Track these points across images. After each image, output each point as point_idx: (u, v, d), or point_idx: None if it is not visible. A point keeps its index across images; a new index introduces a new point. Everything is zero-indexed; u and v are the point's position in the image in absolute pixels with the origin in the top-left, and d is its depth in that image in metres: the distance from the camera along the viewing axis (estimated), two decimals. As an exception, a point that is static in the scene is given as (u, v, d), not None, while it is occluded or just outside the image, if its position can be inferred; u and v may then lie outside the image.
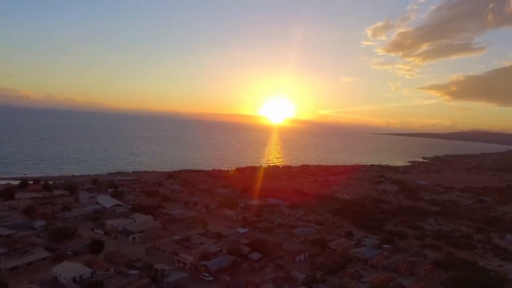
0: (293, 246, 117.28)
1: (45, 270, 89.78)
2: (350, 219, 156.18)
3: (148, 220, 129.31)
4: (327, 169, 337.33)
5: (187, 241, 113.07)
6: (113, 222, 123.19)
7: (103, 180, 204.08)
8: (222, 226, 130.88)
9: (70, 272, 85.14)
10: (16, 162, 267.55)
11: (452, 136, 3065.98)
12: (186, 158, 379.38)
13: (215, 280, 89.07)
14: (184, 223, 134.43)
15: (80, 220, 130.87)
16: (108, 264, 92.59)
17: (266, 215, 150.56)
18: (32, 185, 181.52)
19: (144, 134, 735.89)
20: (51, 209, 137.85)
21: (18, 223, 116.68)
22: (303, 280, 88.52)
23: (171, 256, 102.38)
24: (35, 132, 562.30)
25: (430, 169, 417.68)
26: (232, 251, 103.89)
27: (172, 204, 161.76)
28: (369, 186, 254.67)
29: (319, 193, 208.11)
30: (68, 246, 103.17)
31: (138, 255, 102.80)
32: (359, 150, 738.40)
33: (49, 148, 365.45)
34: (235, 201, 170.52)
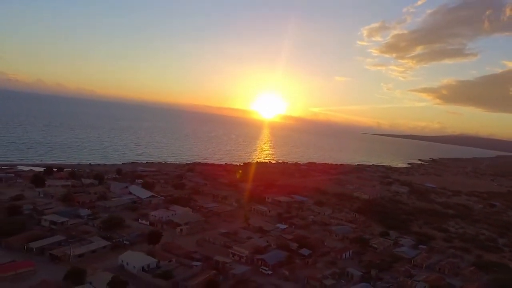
0: (333, 243, 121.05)
1: (107, 259, 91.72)
2: (375, 218, 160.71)
3: (188, 212, 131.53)
4: (335, 168, 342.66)
5: (234, 234, 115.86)
6: (157, 213, 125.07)
7: (125, 170, 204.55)
8: (261, 222, 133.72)
9: (138, 262, 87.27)
10: (27, 149, 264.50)
11: (441, 139, 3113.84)
12: (193, 151, 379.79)
13: (274, 274, 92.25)
14: (222, 217, 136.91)
15: (119, 210, 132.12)
16: (168, 255, 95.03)
17: (297, 212, 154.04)
18: (57, 172, 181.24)
19: (142, 124, 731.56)
20: (88, 198, 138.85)
21: (65, 211, 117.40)
22: (359, 277, 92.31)
23: (223, 248, 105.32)
24: (33, 117, 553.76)
25: (431, 171, 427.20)
26: (281, 246, 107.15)
27: (202, 197, 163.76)
28: (381, 186, 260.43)
29: (337, 192, 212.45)
30: (122, 235, 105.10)
31: (190, 246, 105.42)
32: (357, 149, 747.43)
33: (55, 135, 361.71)
34: (262, 196, 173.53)
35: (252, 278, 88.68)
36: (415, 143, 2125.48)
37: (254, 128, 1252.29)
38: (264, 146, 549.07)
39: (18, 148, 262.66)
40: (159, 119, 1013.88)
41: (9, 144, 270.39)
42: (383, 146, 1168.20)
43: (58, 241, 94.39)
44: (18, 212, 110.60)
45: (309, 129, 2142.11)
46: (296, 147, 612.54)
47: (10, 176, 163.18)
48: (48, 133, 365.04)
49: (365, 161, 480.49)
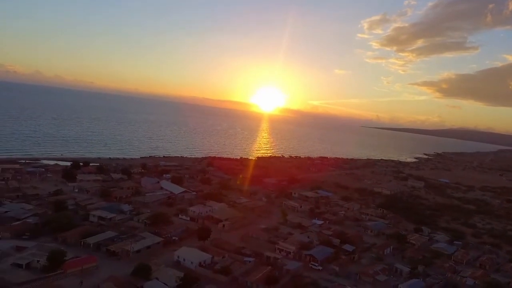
0: (369, 239, 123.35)
1: (161, 254, 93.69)
2: (400, 213, 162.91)
3: (225, 208, 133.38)
4: (347, 162, 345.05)
5: (275, 230, 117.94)
6: (195, 209, 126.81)
7: (148, 165, 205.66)
8: (298, 217, 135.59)
9: (194, 257, 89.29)
10: (44, 143, 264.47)
11: (440, 133, 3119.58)
12: (205, 145, 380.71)
13: (324, 270, 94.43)
14: (256, 212, 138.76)
15: (156, 205, 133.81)
16: (220, 250, 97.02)
17: (326, 207, 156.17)
18: (84, 167, 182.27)
19: (147, 117, 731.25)
20: (124, 193, 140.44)
21: (108, 207, 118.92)
22: (407, 272, 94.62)
23: (267, 244, 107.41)
24: (41, 109, 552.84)
25: (439, 166, 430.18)
26: (324, 242, 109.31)
27: (230, 192, 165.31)
28: (396, 181, 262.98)
29: (358, 187, 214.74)
30: (169, 231, 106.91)
31: (235, 242, 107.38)
32: (361, 143, 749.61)
33: (67, 128, 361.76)
34: (288, 191, 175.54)
35: (304, 274, 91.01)
36: (415, 136, 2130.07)
37: (255, 121, 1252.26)
38: (272, 140, 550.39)
39: (36, 142, 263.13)
40: (162, 112, 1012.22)
41: (26, 138, 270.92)
42: (385, 140, 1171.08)
43: (112, 237, 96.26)
44: (63, 208, 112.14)
45: (309, 123, 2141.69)
46: (303, 141, 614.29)
47: (41, 171, 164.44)
48: (59, 127, 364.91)
49: (373, 155, 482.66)
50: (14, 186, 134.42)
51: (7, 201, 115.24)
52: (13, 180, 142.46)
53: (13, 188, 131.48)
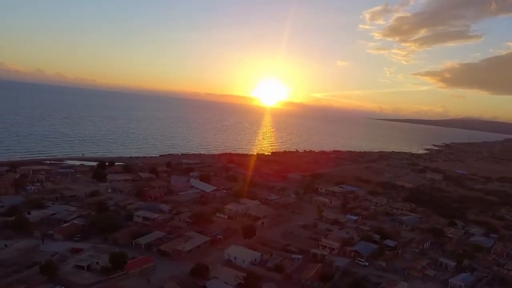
0: (406, 233, 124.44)
1: (210, 253, 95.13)
2: (427, 207, 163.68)
3: (260, 205, 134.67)
4: (361, 156, 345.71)
5: (314, 227, 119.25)
6: (231, 207, 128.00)
7: (171, 163, 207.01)
8: (332, 213, 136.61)
9: (245, 256, 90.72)
10: (63, 143, 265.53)
11: (444, 123, 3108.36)
12: (219, 141, 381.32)
13: (371, 266, 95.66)
14: (288, 209, 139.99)
15: (190, 204, 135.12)
16: (266, 248, 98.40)
17: (356, 202, 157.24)
18: (111, 166, 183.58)
19: (155, 113, 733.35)
20: (158, 192, 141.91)
21: (148, 206, 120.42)
22: (453, 267, 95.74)
23: (308, 240, 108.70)
24: (49, 109, 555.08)
25: (451, 157, 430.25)
26: (365, 237, 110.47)
27: (259, 189, 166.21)
28: (414, 174, 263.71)
29: (380, 181, 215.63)
30: (213, 230, 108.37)
31: (276, 239, 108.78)
32: (370, 136, 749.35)
33: (81, 127, 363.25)
34: (314, 187, 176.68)
35: (353, 270, 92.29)
36: (420, 127, 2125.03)
37: (260, 116, 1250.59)
38: (281, 134, 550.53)
39: (54, 142, 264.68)
40: (167, 109, 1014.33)
41: (44, 139, 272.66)
42: (391, 131, 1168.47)
43: (160, 237, 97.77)
44: (105, 209, 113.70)
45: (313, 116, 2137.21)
46: (312, 134, 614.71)
47: (70, 171, 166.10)
48: (73, 126, 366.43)
49: (384, 148, 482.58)
50: (50, 187, 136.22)
51: (49, 203, 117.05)
52: (47, 182, 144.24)
53: (50, 190, 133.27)
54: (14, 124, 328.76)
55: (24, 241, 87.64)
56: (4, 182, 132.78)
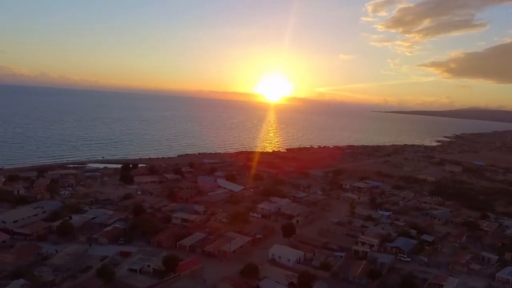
0: (439, 228, 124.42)
1: (252, 253, 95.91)
2: (454, 200, 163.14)
3: (291, 203, 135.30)
4: (376, 150, 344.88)
5: (349, 224, 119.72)
6: (264, 206, 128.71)
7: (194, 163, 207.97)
8: (364, 210, 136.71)
9: (289, 255, 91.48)
10: (81, 146, 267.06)
11: (450, 113, 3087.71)
12: (232, 139, 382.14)
13: (413, 261, 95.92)
14: (319, 206, 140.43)
15: (221, 204, 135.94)
16: (308, 246, 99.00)
17: (383, 198, 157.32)
18: (136, 168, 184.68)
19: (162, 113, 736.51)
20: (188, 194, 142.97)
21: (183, 207, 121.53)
22: (495, 260, 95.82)
23: (345, 237, 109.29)
24: (60, 112, 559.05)
25: (465, 148, 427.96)
26: (402, 233, 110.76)
27: (285, 187, 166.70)
28: (433, 166, 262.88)
29: (401, 175, 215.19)
30: (251, 229, 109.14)
31: (314, 237, 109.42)
32: (379, 130, 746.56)
33: (94, 130, 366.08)
34: (339, 183, 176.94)
35: (397, 266, 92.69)
36: (426, 119, 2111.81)
37: (265, 112, 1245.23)
38: (292, 131, 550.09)
39: (72, 146, 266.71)
40: (173, 108, 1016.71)
41: (62, 142, 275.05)
42: (398, 124, 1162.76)
43: (202, 238, 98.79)
44: (142, 211, 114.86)
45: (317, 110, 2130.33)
46: (322, 130, 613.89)
47: (98, 175, 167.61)
48: (87, 129, 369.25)
49: (396, 141, 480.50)
50: (83, 192, 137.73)
51: (86, 207, 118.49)
52: (79, 186, 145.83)
53: (83, 194, 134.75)
54: (29, 129, 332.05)
55: (72, 246, 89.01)
56: (39, 188, 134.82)
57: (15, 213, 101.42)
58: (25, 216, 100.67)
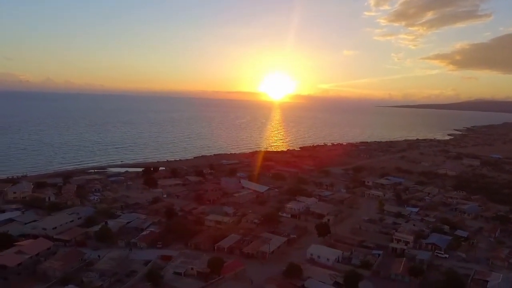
0: (470, 222, 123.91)
1: (289, 253, 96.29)
2: (479, 194, 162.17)
3: (319, 202, 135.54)
4: (390, 145, 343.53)
5: (380, 221, 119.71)
6: (292, 205, 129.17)
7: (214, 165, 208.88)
8: (393, 206, 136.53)
9: (328, 254, 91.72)
10: (98, 151, 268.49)
11: (456, 106, 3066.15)
12: (243, 139, 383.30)
13: (450, 257, 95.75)
14: (346, 204, 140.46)
15: (249, 205, 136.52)
16: (344, 245, 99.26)
17: (408, 194, 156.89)
18: (155, 171, 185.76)
19: (170, 115, 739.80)
20: (215, 195, 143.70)
21: (213, 210, 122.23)
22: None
23: (378, 235, 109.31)
24: (69, 117, 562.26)
25: (479, 141, 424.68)
26: (435, 229, 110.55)
27: (308, 186, 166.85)
28: (450, 161, 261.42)
29: (421, 170, 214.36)
30: (284, 230, 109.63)
31: (347, 235, 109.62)
32: (388, 125, 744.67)
33: (108, 134, 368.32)
34: (361, 180, 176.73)
35: (436, 263, 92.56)
36: (433, 112, 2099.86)
37: (272, 111, 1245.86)
38: (301, 129, 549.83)
39: (89, 150, 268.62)
40: (180, 109, 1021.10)
41: (79, 148, 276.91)
42: (405, 118, 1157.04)
43: (238, 239, 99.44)
44: (173, 214, 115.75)
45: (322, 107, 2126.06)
46: (331, 127, 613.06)
47: (121, 179, 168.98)
48: (100, 133, 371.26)
49: (407, 136, 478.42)
50: (111, 196, 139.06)
51: (118, 212, 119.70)
52: (106, 191, 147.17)
53: (112, 199, 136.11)
54: (45, 135, 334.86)
55: (114, 250, 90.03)
56: (68, 194, 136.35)
57: (53, 220, 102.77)
58: (62, 223, 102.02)
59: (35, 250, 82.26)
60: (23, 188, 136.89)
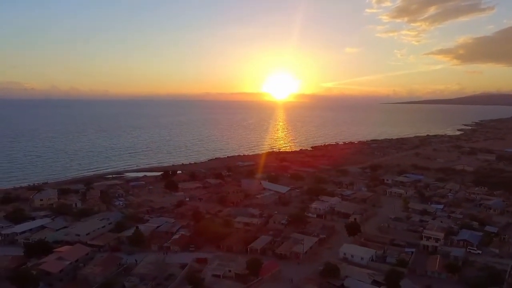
0: (497, 218, 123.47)
1: (320, 253, 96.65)
2: (499, 189, 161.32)
3: (342, 201, 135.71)
4: (402, 142, 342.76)
5: (407, 219, 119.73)
6: (317, 205, 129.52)
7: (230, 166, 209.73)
8: (417, 204, 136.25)
9: (362, 253, 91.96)
10: (113, 157, 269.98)
11: (462, 100, 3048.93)
12: (253, 140, 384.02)
13: (483, 253, 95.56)
14: (368, 202, 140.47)
15: (273, 206, 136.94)
16: (376, 244, 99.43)
17: (429, 191, 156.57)
18: (173, 175, 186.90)
19: (177, 118, 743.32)
20: (238, 197, 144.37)
21: (239, 212, 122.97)
22: None
23: (406, 232, 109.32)
24: (79, 124, 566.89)
25: (490, 136, 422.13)
26: (464, 225, 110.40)
27: (328, 185, 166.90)
28: (465, 156, 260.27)
29: (438, 167, 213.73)
30: (314, 230, 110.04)
31: (375, 233, 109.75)
32: (396, 122, 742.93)
33: (118, 140, 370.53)
34: (380, 178, 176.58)
35: (470, 259, 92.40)
36: (439, 107, 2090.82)
37: (277, 112, 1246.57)
38: (309, 128, 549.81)
39: (104, 156, 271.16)
40: (187, 113, 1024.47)
41: (94, 154, 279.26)
42: (412, 114, 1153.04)
43: (269, 240, 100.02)
44: (201, 218, 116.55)
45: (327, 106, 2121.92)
46: (339, 125, 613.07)
47: (142, 184, 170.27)
48: (112, 139, 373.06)
49: (419, 132, 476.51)
50: (135, 201, 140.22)
51: (146, 216, 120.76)
52: (129, 196, 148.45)
53: (136, 204, 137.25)
54: (57, 143, 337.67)
55: (150, 255, 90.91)
56: (93, 200, 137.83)
57: (86, 226, 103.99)
58: (95, 228, 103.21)
59: (74, 256, 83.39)
60: (49, 195, 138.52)
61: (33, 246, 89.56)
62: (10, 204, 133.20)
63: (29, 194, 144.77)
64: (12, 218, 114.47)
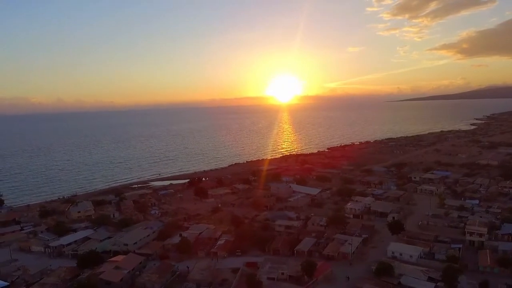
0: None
1: (367, 252, 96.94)
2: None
3: (374, 201, 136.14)
4: (418, 140, 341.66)
5: (446, 215, 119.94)
6: (352, 206, 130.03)
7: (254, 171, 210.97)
8: (453, 200, 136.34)
9: (410, 251, 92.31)
10: (133, 167, 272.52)
11: (467, 95, 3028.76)
12: (268, 144, 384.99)
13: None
14: (401, 201, 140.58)
15: (306, 208, 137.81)
16: (420, 241, 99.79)
17: (459, 187, 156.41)
18: (199, 182, 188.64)
19: (186, 126, 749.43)
20: (271, 202, 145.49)
21: (277, 215, 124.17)
22: None
23: (447, 229, 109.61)
24: (91, 136, 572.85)
25: (505, 129, 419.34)
26: (507, 219, 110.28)
27: (355, 185, 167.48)
28: (486, 151, 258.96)
29: (462, 162, 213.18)
30: (354, 230, 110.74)
31: (417, 231, 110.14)
32: (406, 119, 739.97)
33: (136, 150, 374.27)
34: (408, 176, 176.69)
35: None
36: (445, 103, 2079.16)
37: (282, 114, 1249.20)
38: (321, 130, 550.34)
39: (125, 167, 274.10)
40: (195, 120, 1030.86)
41: (115, 165, 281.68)
42: (418, 111, 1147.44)
43: (314, 242, 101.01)
44: (240, 222, 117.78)
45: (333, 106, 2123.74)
46: (350, 125, 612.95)
47: (171, 192, 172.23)
48: (128, 149, 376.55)
49: (433, 128, 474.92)
50: (170, 209, 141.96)
51: (185, 224, 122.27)
52: (164, 204, 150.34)
53: (172, 211, 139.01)
54: (76, 155, 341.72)
55: (201, 261, 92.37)
56: (129, 209, 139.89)
57: (132, 235, 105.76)
58: (141, 237, 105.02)
59: (130, 265, 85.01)
60: (86, 207, 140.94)
61: (86, 257, 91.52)
62: (49, 217, 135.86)
63: (64, 207, 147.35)
64: (56, 230, 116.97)
